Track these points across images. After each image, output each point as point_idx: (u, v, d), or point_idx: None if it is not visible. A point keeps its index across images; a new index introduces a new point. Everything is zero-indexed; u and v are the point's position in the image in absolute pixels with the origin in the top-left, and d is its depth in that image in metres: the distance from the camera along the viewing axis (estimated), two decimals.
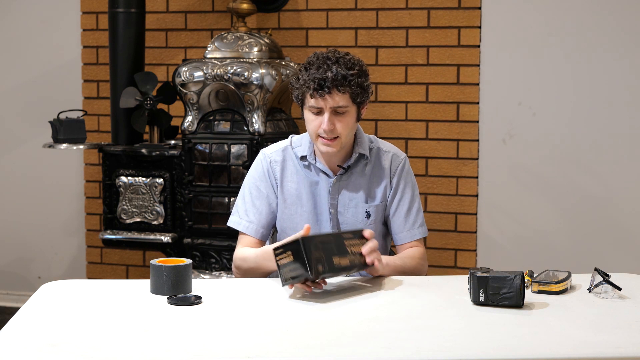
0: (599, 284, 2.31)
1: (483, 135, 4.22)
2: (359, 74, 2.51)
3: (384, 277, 2.51)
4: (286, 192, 2.64)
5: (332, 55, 2.51)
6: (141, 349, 1.90)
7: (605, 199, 4.13)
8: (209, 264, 3.92)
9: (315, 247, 2.24)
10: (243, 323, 2.10)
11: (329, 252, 2.27)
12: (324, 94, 2.47)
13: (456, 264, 4.28)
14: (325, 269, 2.25)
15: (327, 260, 2.26)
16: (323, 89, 2.46)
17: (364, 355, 1.87)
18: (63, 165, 4.78)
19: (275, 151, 2.67)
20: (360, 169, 2.64)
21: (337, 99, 2.48)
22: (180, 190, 3.96)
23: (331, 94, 2.47)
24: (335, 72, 2.46)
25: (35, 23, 4.73)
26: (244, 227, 2.64)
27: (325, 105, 2.49)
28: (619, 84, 4.08)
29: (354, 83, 2.49)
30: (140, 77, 4.01)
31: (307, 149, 2.64)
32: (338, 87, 2.47)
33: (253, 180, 2.66)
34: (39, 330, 2.03)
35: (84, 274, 4.74)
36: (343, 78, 2.47)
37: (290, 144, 2.68)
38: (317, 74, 2.47)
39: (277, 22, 4.40)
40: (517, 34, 4.16)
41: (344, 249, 2.32)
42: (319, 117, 2.51)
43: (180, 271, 2.33)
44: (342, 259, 2.30)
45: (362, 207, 2.62)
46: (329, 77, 2.46)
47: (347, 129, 2.53)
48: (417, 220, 2.66)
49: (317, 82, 2.46)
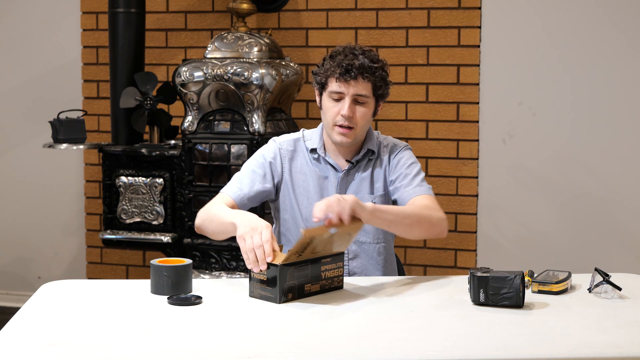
0: (599, 284, 2.31)
1: (483, 135, 4.22)
2: (382, 67, 2.60)
3: (384, 277, 2.51)
4: (295, 182, 2.67)
5: (359, 47, 2.60)
6: (141, 349, 1.90)
7: (605, 199, 4.13)
8: (209, 264, 3.92)
9: (290, 275, 2.25)
10: (243, 323, 2.10)
11: (302, 279, 2.28)
12: (349, 78, 2.54)
13: (456, 264, 4.28)
14: (294, 296, 2.26)
15: (299, 289, 2.27)
16: (349, 74, 2.54)
17: (364, 355, 1.87)
18: (63, 165, 4.78)
19: (288, 140, 2.71)
20: (365, 163, 2.68)
21: (360, 86, 2.56)
22: (180, 190, 3.96)
23: (356, 79, 2.55)
24: (362, 60, 2.55)
25: (36, 23, 4.73)
26: (231, 191, 2.64)
27: (348, 91, 2.56)
28: (619, 84, 4.08)
29: (378, 75, 2.58)
30: (140, 77, 4.01)
31: (318, 142, 2.68)
32: (363, 74, 2.55)
33: (256, 159, 2.69)
34: (39, 330, 2.03)
35: (84, 274, 4.74)
36: (369, 67, 2.55)
37: (303, 136, 2.73)
38: (344, 60, 2.55)
39: (277, 22, 4.40)
40: (517, 34, 4.16)
41: (318, 275, 2.32)
42: (338, 104, 2.57)
43: (180, 271, 2.33)
44: (313, 286, 2.30)
45: (368, 199, 2.63)
46: (355, 64, 2.54)
47: (364, 121, 2.59)
48: (415, 180, 2.61)
49: (344, 67, 2.54)
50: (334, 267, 2.35)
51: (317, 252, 2.29)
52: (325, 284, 2.33)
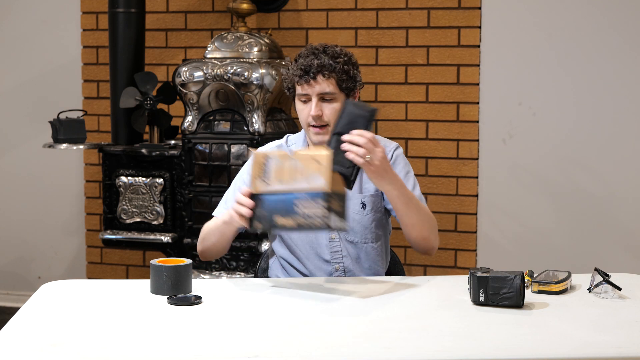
0: (599, 284, 2.31)
1: (483, 135, 4.22)
2: (345, 62, 2.59)
3: (384, 277, 2.51)
4: None
5: (321, 46, 2.62)
6: (141, 349, 1.91)
7: (605, 199, 4.13)
8: (209, 264, 3.92)
9: (258, 205, 2.25)
10: (243, 323, 2.10)
11: (272, 210, 2.24)
12: (309, 79, 2.56)
13: (456, 264, 4.28)
14: (265, 226, 2.26)
15: (268, 219, 2.25)
16: (308, 75, 2.56)
17: (365, 355, 1.87)
18: (63, 165, 4.78)
19: (271, 149, 2.73)
20: None
21: (322, 85, 2.57)
22: (180, 190, 3.96)
23: (316, 79, 2.56)
24: (321, 59, 2.57)
25: (36, 23, 4.73)
26: (220, 213, 2.67)
27: (311, 91, 2.58)
28: (619, 84, 4.08)
29: (339, 70, 2.57)
30: (140, 77, 4.01)
31: (302, 144, 2.71)
32: (323, 73, 2.56)
33: (242, 175, 2.72)
34: (39, 330, 2.03)
35: (84, 274, 4.74)
36: (328, 65, 2.56)
37: (286, 142, 2.76)
38: (304, 62, 2.58)
39: (277, 22, 4.40)
40: (517, 34, 4.16)
41: (290, 208, 2.22)
42: (307, 105, 2.60)
43: (180, 271, 2.33)
44: (285, 220, 2.23)
45: (357, 198, 2.64)
46: (314, 64, 2.56)
47: (335, 116, 2.57)
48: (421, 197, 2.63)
49: (303, 69, 2.57)
50: (312, 205, 2.21)
51: (286, 181, 2.24)
52: (303, 222, 2.22)
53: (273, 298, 2.33)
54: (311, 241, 2.64)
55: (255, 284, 2.51)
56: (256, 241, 3.84)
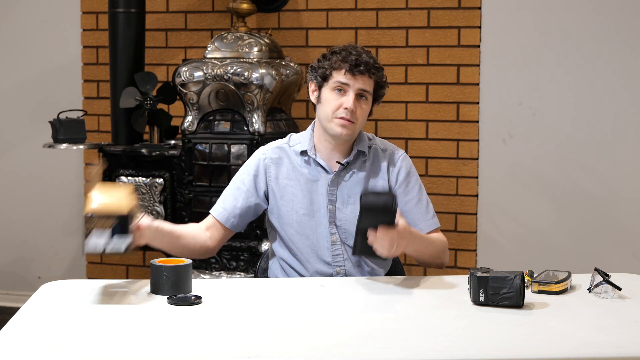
0: (599, 284, 2.31)
1: (483, 135, 4.22)
2: (383, 69, 2.66)
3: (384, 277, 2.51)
4: (282, 189, 2.66)
5: (360, 47, 2.65)
6: (141, 349, 1.91)
7: (605, 199, 4.13)
8: (209, 264, 3.92)
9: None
10: (243, 323, 2.10)
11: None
12: (357, 73, 2.58)
13: (456, 264, 4.28)
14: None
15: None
16: (358, 68, 2.58)
17: (365, 355, 1.87)
18: (63, 165, 4.78)
19: (272, 149, 2.72)
20: (358, 166, 2.67)
21: (366, 82, 2.60)
22: (180, 190, 3.96)
23: (363, 75, 2.59)
24: (368, 59, 2.60)
25: (36, 23, 4.73)
26: (216, 212, 2.70)
27: (354, 84, 2.58)
28: (619, 84, 4.08)
29: (381, 75, 2.64)
30: (140, 77, 4.01)
31: (308, 143, 2.67)
32: (370, 71, 2.60)
33: (241, 174, 2.72)
34: (38, 330, 2.03)
35: (84, 274, 4.74)
36: (373, 66, 2.61)
37: (289, 142, 2.72)
38: (351, 55, 2.59)
39: (277, 22, 4.40)
40: (517, 34, 4.16)
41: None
42: (341, 97, 2.59)
43: (180, 271, 2.33)
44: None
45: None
46: (364, 60, 2.59)
47: (363, 117, 2.62)
48: (429, 210, 2.71)
49: (353, 61, 2.58)
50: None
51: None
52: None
53: (273, 298, 2.33)
54: (312, 244, 2.64)
55: (255, 284, 2.51)
56: (256, 241, 3.85)
